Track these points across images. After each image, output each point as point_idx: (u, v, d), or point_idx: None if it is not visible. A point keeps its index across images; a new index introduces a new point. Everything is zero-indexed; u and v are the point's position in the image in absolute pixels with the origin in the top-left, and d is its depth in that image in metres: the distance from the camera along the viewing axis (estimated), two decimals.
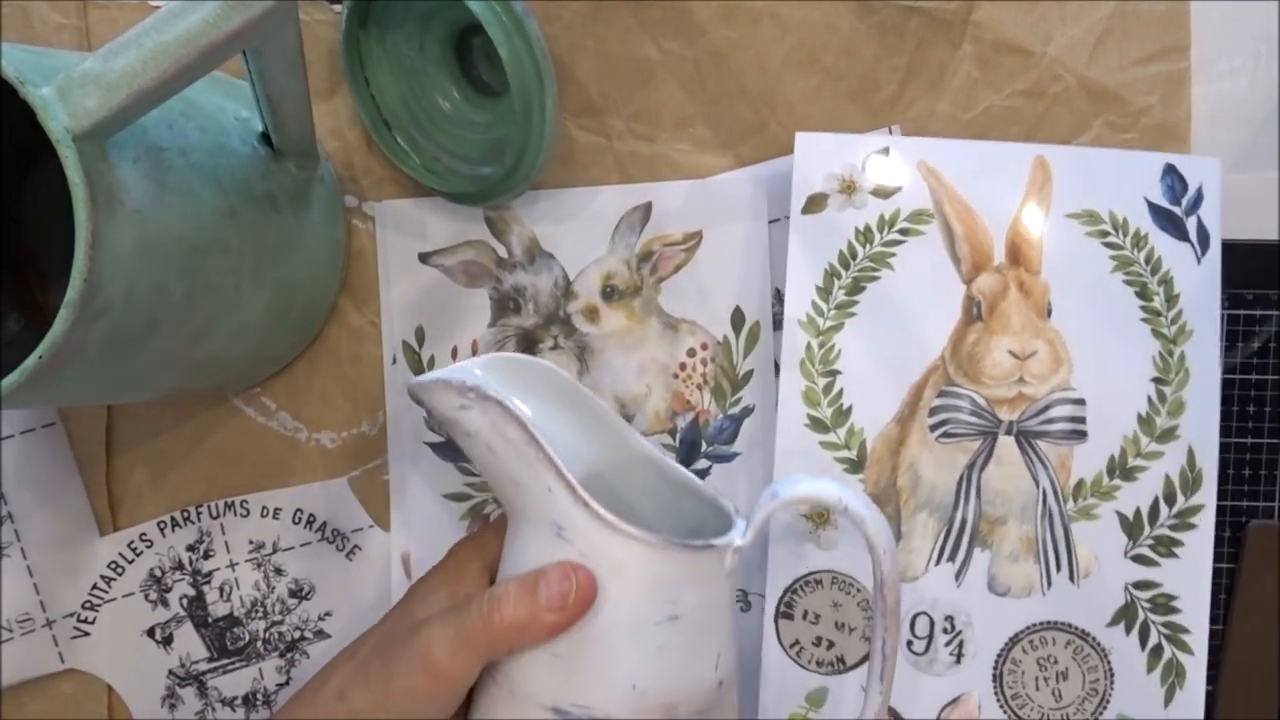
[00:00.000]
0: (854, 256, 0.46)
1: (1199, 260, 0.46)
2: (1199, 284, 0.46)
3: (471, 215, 0.49)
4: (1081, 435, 0.45)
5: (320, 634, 0.51)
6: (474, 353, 0.50)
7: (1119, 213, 0.45)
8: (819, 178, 0.46)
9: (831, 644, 0.46)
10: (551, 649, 0.37)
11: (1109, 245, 0.45)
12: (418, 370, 0.50)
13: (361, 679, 0.39)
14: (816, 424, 0.46)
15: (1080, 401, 0.45)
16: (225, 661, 0.51)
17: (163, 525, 0.51)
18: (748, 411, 0.49)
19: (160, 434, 0.51)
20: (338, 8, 0.47)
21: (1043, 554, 0.45)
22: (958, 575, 0.45)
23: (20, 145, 0.44)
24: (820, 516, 0.46)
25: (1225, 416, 0.50)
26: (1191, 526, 0.46)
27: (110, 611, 0.51)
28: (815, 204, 0.46)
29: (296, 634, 0.51)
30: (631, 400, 0.49)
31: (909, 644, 0.46)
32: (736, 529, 0.39)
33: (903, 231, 0.46)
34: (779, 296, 0.49)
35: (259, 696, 0.51)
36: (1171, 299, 0.45)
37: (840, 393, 0.46)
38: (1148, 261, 0.45)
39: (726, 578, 0.39)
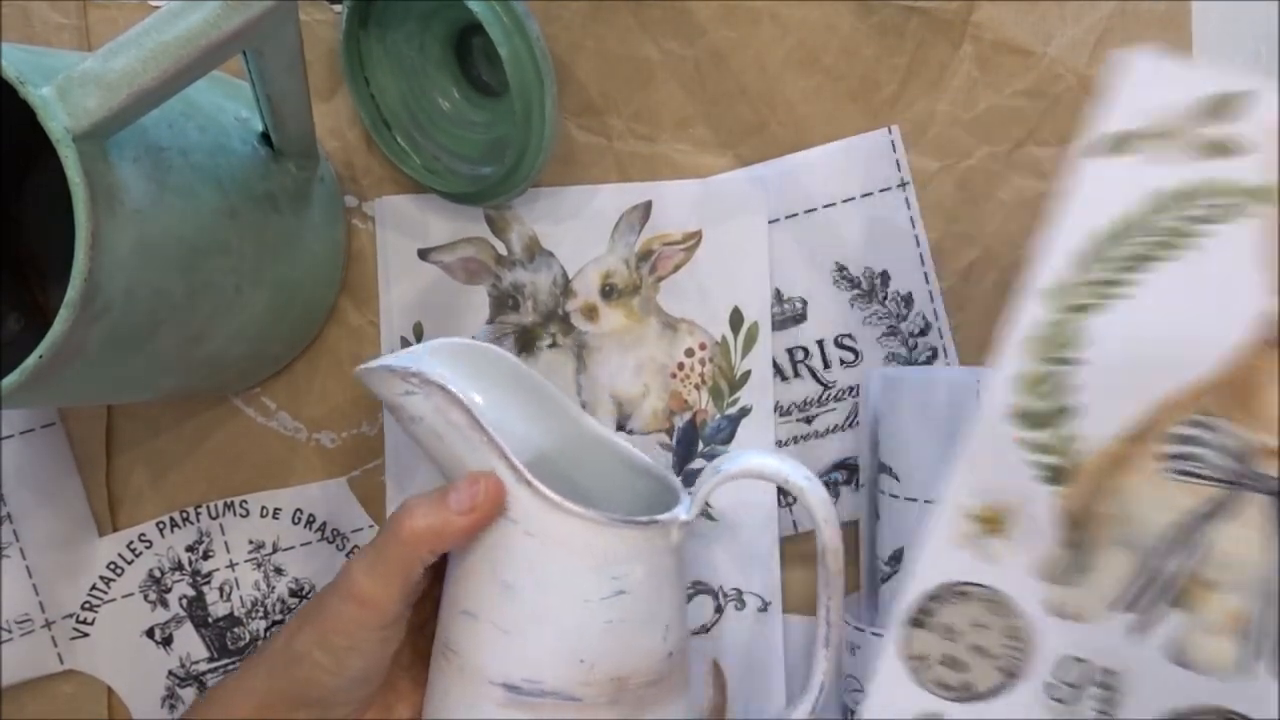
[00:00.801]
0: (1149, 223, 0.36)
1: None
2: None
3: (471, 213, 0.49)
4: None
5: None
6: None
7: None
8: (1132, 112, 0.35)
9: (964, 667, 0.40)
10: (500, 625, 0.38)
11: None
12: None
13: (301, 622, 0.40)
14: (1026, 416, 0.37)
15: None
16: (226, 661, 0.51)
17: (162, 526, 0.51)
18: (745, 412, 0.49)
19: (160, 434, 0.51)
20: (338, 8, 0.48)
21: (1249, 635, 0.37)
22: (1136, 630, 0.38)
23: (20, 145, 0.44)
24: (992, 523, 0.38)
25: None
26: None
27: (110, 612, 0.51)
28: (1116, 145, 0.35)
29: None
30: (629, 399, 0.49)
31: (1050, 688, 0.39)
32: (682, 505, 0.40)
33: (1224, 209, 0.35)
34: (779, 296, 0.49)
35: None
36: None
37: (1070, 387, 0.37)
38: None
39: (673, 552, 0.39)
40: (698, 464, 0.50)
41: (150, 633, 0.51)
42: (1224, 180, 0.35)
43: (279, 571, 0.51)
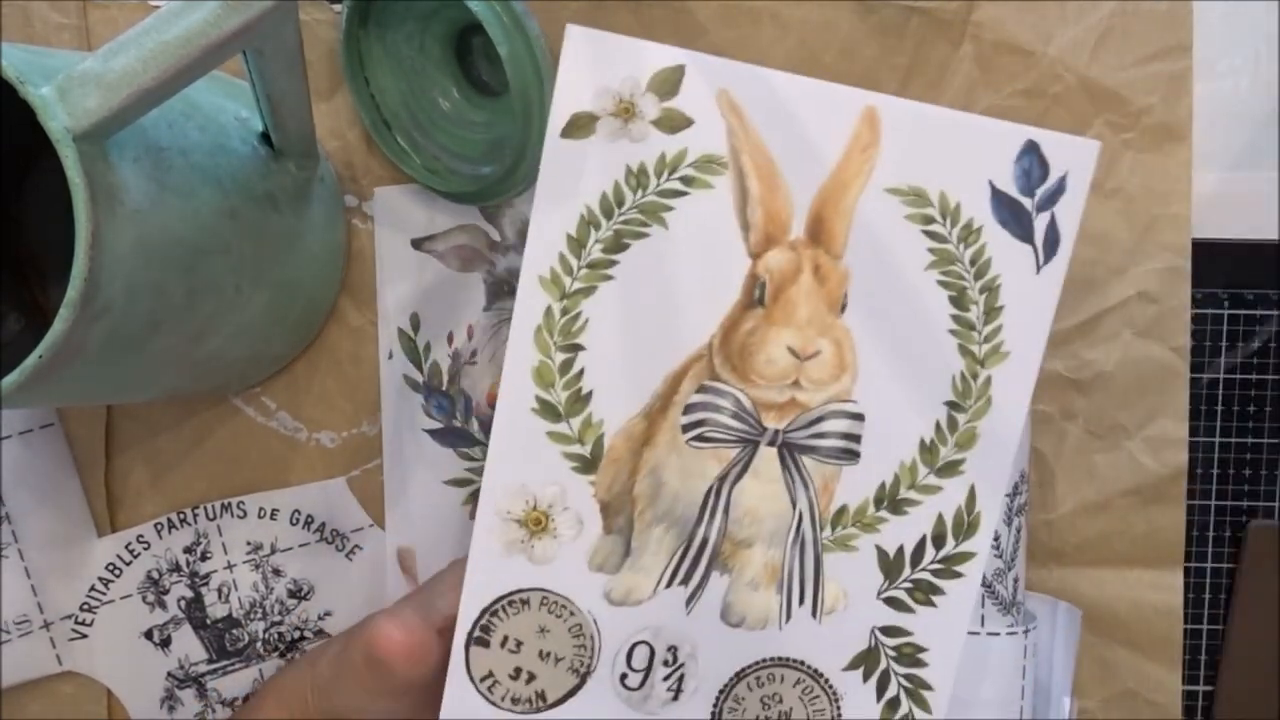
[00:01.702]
0: (620, 204, 0.36)
1: (1039, 269, 0.38)
2: (1031, 298, 0.38)
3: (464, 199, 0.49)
4: (853, 456, 0.38)
5: (320, 634, 0.51)
6: (469, 337, 0.50)
7: (952, 195, 0.37)
8: (589, 92, 0.36)
9: (532, 677, 0.40)
10: None
11: (931, 234, 0.37)
12: (414, 358, 0.50)
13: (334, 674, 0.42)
14: (547, 409, 0.37)
15: (858, 417, 0.38)
16: (225, 663, 0.51)
17: (159, 527, 0.51)
18: None
19: (160, 434, 0.51)
20: (338, 8, 0.47)
21: (787, 584, 0.39)
22: (689, 601, 0.39)
23: (20, 145, 0.44)
24: (536, 523, 0.38)
25: (1225, 416, 0.50)
26: (957, 575, 0.39)
27: (108, 613, 0.51)
28: (579, 126, 0.36)
29: (296, 634, 0.51)
30: None
31: (623, 678, 0.39)
32: None
33: (686, 180, 0.36)
34: None
35: None
36: (992, 311, 0.38)
37: (580, 373, 0.37)
38: (974, 262, 0.37)
39: None
40: None
41: (149, 634, 0.51)
42: (688, 151, 0.36)
43: (277, 572, 0.51)
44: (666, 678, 0.39)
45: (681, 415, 0.38)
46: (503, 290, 0.50)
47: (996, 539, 0.45)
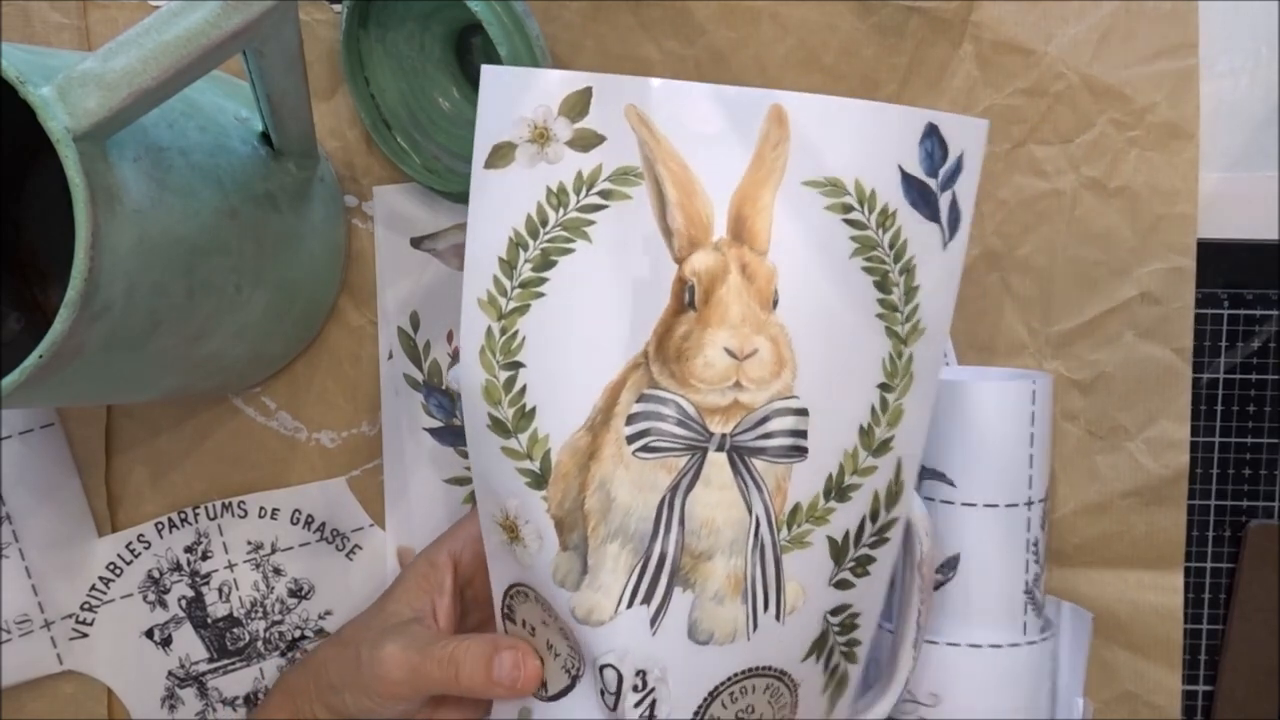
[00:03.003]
0: (544, 223, 0.37)
1: (945, 244, 0.38)
2: (941, 273, 0.39)
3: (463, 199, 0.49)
4: (801, 452, 0.37)
5: (321, 633, 0.51)
6: None
7: (867, 183, 0.37)
8: (506, 122, 0.36)
9: (545, 664, 0.40)
10: None
11: (851, 223, 0.37)
12: (414, 357, 0.50)
13: (340, 679, 0.42)
14: (498, 426, 0.38)
15: (802, 412, 0.37)
16: (225, 662, 0.51)
17: (160, 526, 0.51)
18: None
19: (160, 434, 0.51)
20: (338, 8, 0.47)
21: (751, 593, 0.38)
22: (654, 620, 0.37)
23: (20, 145, 0.44)
24: (511, 530, 0.39)
25: (1225, 416, 0.50)
26: (885, 541, 0.40)
27: (109, 613, 0.51)
28: (500, 156, 0.36)
29: (297, 633, 0.51)
30: None
31: (601, 693, 0.38)
32: None
33: (604, 194, 0.37)
34: None
35: (260, 696, 0.51)
36: (910, 291, 0.38)
37: (523, 390, 0.37)
38: (892, 245, 0.37)
39: None
40: None
41: (149, 633, 0.51)
42: (603, 166, 0.37)
43: (278, 572, 0.51)
44: (638, 704, 0.38)
45: (625, 426, 0.37)
46: None
47: (1036, 545, 0.45)
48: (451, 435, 0.50)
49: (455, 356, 0.50)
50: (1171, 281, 0.48)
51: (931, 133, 0.38)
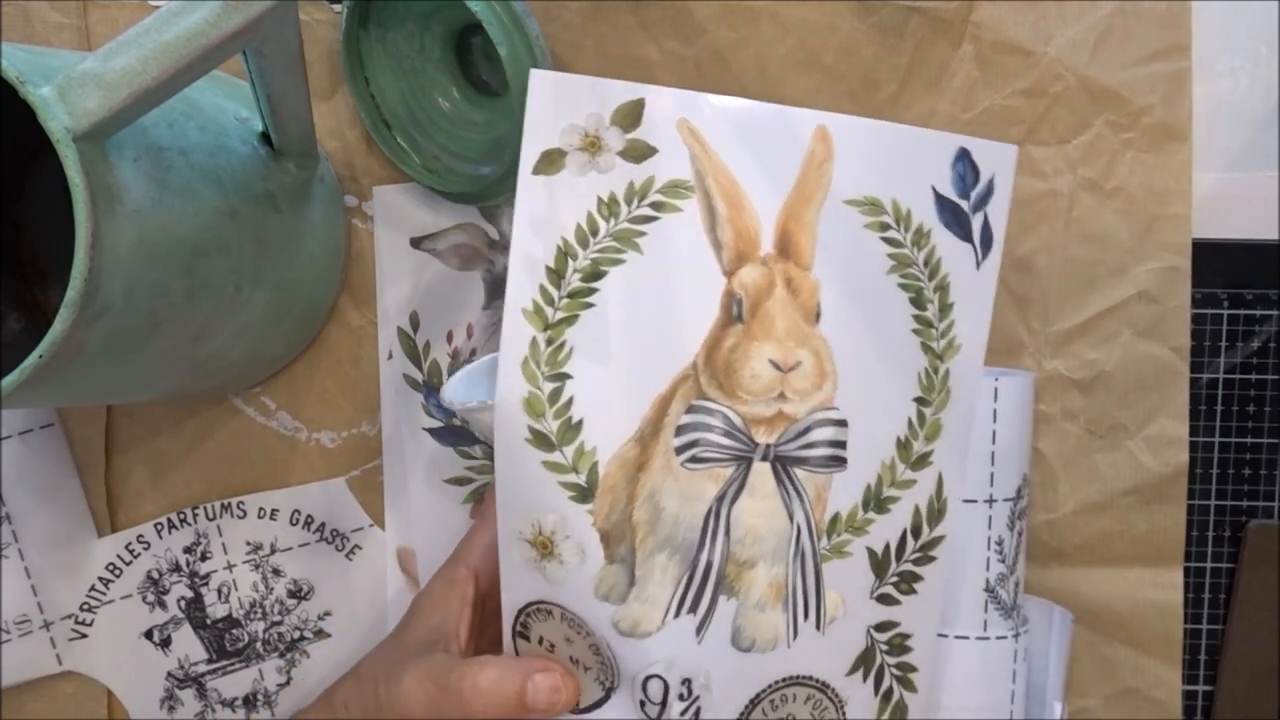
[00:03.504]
0: (594, 233, 0.37)
1: (979, 264, 0.40)
2: (974, 292, 0.40)
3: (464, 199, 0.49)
4: (841, 463, 0.38)
5: (320, 634, 0.51)
6: (469, 336, 0.50)
7: (903, 202, 0.38)
8: (557, 130, 0.36)
9: (576, 682, 0.40)
10: None
11: (889, 241, 0.38)
12: (414, 357, 0.50)
13: (356, 693, 0.42)
14: (540, 439, 0.37)
15: (843, 423, 0.38)
16: (225, 663, 0.51)
17: (159, 527, 0.51)
18: None
19: (160, 434, 0.51)
20: (338, 8, 0.48)
21: (792, 601, 0.38)
22: (699, 629, 0.38)
23: (20, 145, 0.44)
24: (544, 547, 0.38)
25: (1225, 416, 0.50)
26: (932, 560, 0.40)
27: (108, 613, 0.51)
28: (550, 162, 0.37)
29: (296, 634, 0.51)
30: None
31: (641, 704, 0.39)
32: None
33: (656, 206, 0.37)
34: None
35: (259, 697, 0.51)
36: (945, 308, 0.39)
37: (570, 402, 0.37)
38: (926, 263, 0.39)
39: None
40: None
41: (149, 634, 0.51)
42: (655, 179, 0.37)
43: (277, 572, 0.51)
44: (684, 712, 0.38)
45: (674, 437, 0.37)
46: (502, 289, 0.49)
47: (1000, 544, 0.45)
48: (451, 435, 0.50)
49: (455, 356, 0.50)
50: (1168, 281, 0.48)
51: (963, 156, 0.39)
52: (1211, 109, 0.48)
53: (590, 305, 0.37)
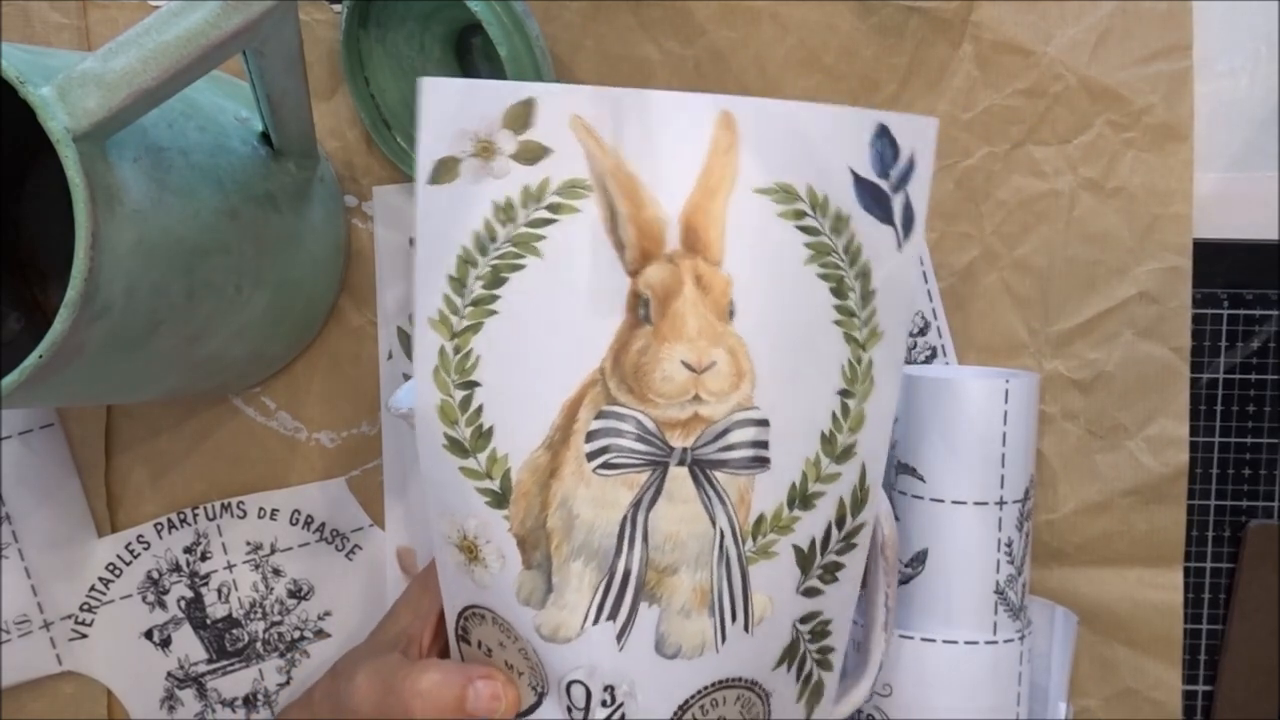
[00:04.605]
0: (493, 239, 0.36)
1: (900, 246, 0.38)
2: (896, 276, 0.38)
3: None
4: (763, 463, 0.37)
5: (320, 633, 0.51)
6: None
7: (819, 187, 0.36)
8: (448, 137, 0.35)
9: (516, 690, 0.40)
10: None
11: (805, 229, 0.36)
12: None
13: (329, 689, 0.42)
14: (455, 446, 0.37)
15: (763, 423, 0.37)
16: (225, 663, 0.51)
17: (159, 527, 0.51)
18: None
19: (160, 434, 0.51)
20: (338, 8, 0.48)
21: (718, 605, 0.37)
22: (620, 635, 0.37)
23: (20, 145, 0.44)
24: (469, 551, 0.38)
25: (1225, 416, 0.50)
26: (853, 546, 0.39)
27: (108, 613, 0.51)
28: (444, 171, 0.36)
29: (296, 634, 0.51)
30: None
31: (569, 710, 0.38)
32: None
33: (553, 208, 0.36)
34: None
35: (259, 697, 0.51)
36: (867, 295, 0.38)
37: (480, 409, 0.37)
38: (847, 250, 0.37)
39: None
40: None
41: (149, 634, 0.51)
42: (551, 180, 0.35)
43: (277, 572, 0.51)
44: (607, 718, 0.38)
45: (584, 443, 0.36)
46: None
47: (1009, 545, 0.45)
48: None
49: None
50: (1169, 281, 0.48)
51: (882, 134, 0.37)
52: (1212, 109, 0.48)
53: (494, 312, 0.36)
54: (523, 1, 0.43)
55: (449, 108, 0.35)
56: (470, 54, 0.48)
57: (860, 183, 0.37)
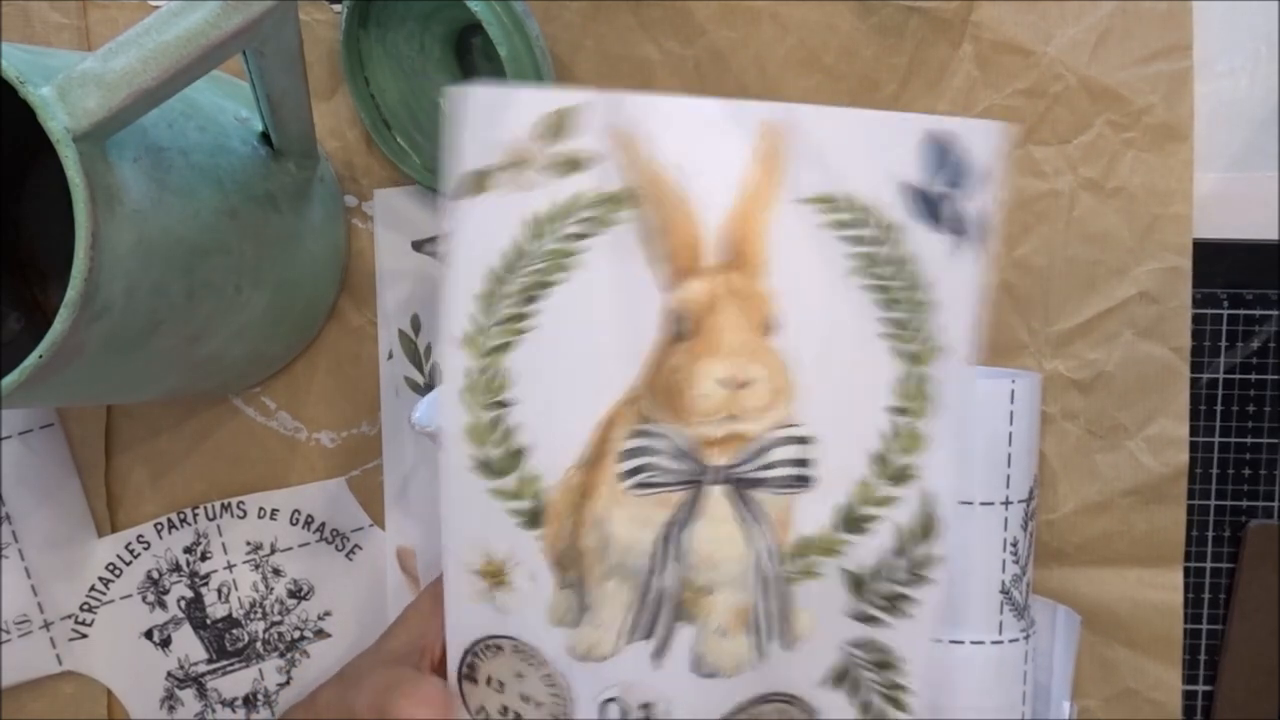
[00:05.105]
0: (523, 256, 0.35)
1: (956, 254, 0.36)
2: (955, 287, 0.37)
3: None
4: (805, 482, 0.36)
5: (320, 633, 0.51)
6: None
7: (864, 196, 0.35)
8: (479, 148, 0.34)
9: (518, 716, 0.39)
10: None
11: (850, 240, 0.35)
12: (414, 359, 0.50)
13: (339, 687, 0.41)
14: (483, 467, 0.36)
15: (805, 440, 0.36)
16: (225, 663, 0.51)
17: (159, 527, 0.51)
18: None
19: (160, 434, 0.51)
20: (338, 8, 0.48)
21: (756, 625, 0.37)
22: (656, 655, 0.37)
23: (20, 145, 0.44)
24: (494, 576, 0.37)
25: (1225, 416, 0.50)
26: (924, 580, 0.38)
27: (108, 613, 0.51)
28: (476, 184, 0.34)
29: (296, 634, 0.51)
30: None
31: None
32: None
33: (585, 222, 0.35)
34: None
35: (259, 697, 0.51)
36: (919, 307, 0.36)
37: (510, 430, 0.36)
38: (895, 260, 0.36)
39: None
40: None
41: (149, 634, 0.51)
42: (584, 194, 0.34)
43: (277, 572, 0.51)
44: None
45: (618, 463, 0.36)
46: None
47: (1015, 545, 0.45)
48: None
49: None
50: (1169, 281, 0.48)
51: (932, 139, 0.36)
52: (1212, 109, 0.48)
53: (526, 330, 0.35)
54: (523, 1, 0.43)
55: (479, 118, 0.34)
56: (470, 54, 0.48)
57: (907, 190, 0.36)
